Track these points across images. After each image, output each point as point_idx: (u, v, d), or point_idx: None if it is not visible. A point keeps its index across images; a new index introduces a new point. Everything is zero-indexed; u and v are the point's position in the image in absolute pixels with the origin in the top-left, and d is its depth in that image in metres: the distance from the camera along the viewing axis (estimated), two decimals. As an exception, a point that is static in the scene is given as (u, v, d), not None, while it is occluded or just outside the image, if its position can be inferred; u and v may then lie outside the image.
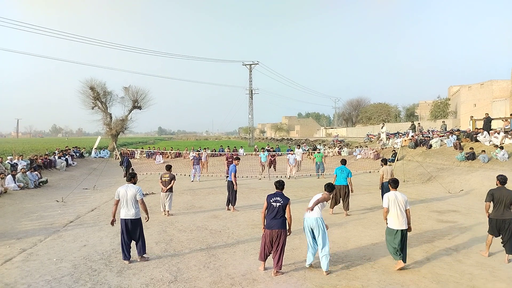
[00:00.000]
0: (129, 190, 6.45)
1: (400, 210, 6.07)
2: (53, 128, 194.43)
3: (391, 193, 6.25)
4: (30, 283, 5.62)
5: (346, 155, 28.31)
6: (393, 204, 6.12)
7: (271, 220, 5.93)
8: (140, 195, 6.45)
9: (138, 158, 28.75)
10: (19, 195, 13.37)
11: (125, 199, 6.41)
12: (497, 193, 6.56)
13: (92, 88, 34.76)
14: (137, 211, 6.47)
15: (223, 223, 9.40)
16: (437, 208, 11.19)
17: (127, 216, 6.40)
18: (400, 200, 6.11)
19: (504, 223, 6.47)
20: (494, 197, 6.57)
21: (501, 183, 6.65)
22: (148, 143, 58.79)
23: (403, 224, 6.05)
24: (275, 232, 5.87)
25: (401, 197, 6.15)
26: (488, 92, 38.36)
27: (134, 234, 6.48)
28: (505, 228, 6.47)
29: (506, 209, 6.49)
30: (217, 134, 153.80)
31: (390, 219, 6.14)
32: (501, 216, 6.49)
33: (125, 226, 6.41)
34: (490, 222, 6.69)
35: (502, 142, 17.19)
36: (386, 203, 6.19)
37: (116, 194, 6.53)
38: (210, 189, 15.39)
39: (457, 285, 5.54)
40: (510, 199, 6.44)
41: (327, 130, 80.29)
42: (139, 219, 6.52)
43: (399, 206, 6.09)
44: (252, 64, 52.35)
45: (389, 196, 6.20)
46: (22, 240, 7.95)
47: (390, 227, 6.13)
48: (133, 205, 6.42)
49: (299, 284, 5.58)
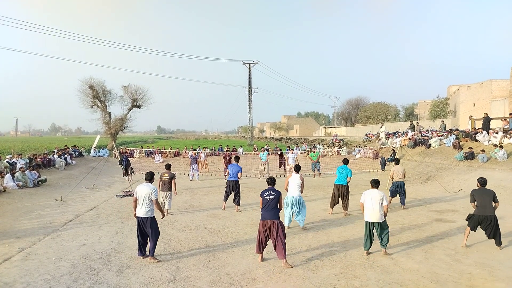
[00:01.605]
0: (145, 189, 6.61)
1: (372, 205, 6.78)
2: (52, 127, 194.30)
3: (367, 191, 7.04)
4: (29, 282, 5.61)
5: (345, 155, 28.33)
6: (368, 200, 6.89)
7: (264, 212, 6.47)
8: (155, 195, 6.59)
9: (137, 157, 28.72)
10: (18, 194, 13.34)
11: (141, 197, 6.59)
12: (478, 194, 7.30)
13: (91, 87, 34.69)
14: (149, 210, 6.58)
15: (222, 223, 9.40)
16: (436, 208, 11.20)
17: (141, 214, 6.59)
18: (375, 197, 6.81)
19: (486, 218, 7.10)
20: (476, 197, 7.29)
21: (481, 185, 7.37)
22: (147, 142, 58.81)
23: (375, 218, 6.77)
24: (268, 222, 6.33)
25: (377, 194, 6.84)
26: (487, 91, 38.41)
27: (147, 233, 6.61)
28: (488, 224, 7.10)
29: (488, 207, 7.11)
30: (216, 133, 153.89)
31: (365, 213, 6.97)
32: (483, 212, 7.13)
33: (139, 223, 6.62)
34: (472, 218, 7.28)
35: (501, 141, 17.21)
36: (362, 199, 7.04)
37: (135, 192, 6.75)
38: (209, 188, 15.39)
39: (456, 284, 5.55)
40: (490, 197, 7.15)
41: (326, 129, 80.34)
42: (151, 218, 6.61)
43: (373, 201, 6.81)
44: (251, 63, 52.28)
45: (364, 193, 7.04)
46: (21, 239, 7.94)
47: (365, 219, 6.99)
48: (147, 204, 6.56)
49: (298, 283, 5.58)
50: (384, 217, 6.79)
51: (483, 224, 7.16)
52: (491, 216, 7.10)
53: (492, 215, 7.10)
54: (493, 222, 7.07)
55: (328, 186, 16.10)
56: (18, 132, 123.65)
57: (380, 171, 20.26)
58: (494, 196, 7.21)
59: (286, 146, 39.77)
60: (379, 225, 6.77)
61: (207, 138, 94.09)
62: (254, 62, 52.37)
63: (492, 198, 7.16)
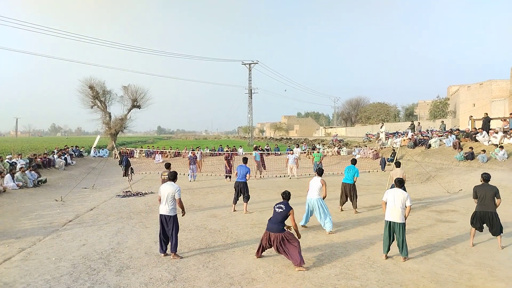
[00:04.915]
0: (169, 188, 6.72)
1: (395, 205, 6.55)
2: (52, 127, 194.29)
3: (391, 189, 6.83)
4: (29, 282, 5.61)
5: (345, 155, 28.36)
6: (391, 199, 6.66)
7: (270, 223, 6.42)
8: (178, 194, 6.72)
9: (137, 157, 28.72)
10: (18, 194, 13.35)
11: (164, 196, 6.73)
12: (480, 189, 7.24)
13: (91, 87, 34.72)
14: (171, 208, 6.71)
15: (222, 223, 9.40)
16: (436, 208, 11.21)
17: (163, 212, 6.74)
18: (399, 196, 6.58)
19: (487, 214, 7.09)
20: (478, 193, 7.25)
21: (485, 181, 7.29)
22: (147, 142, 58.85)
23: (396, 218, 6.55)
24: (272, 235, 6.28)
25: (400, 193, 6.60)
26: (487, 92, 38.42)
27: (168, 230, 6.73)
28: (489, 220, 7.08)
29: (489, 203, 7.08)
30: (216, 133, 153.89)
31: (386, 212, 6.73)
32: (485, 208, 7.10)
33: (162, 221, 6.75)
34: (474, 215, 7.26)
35: (501, 142, 17.21)
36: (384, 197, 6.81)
37: (159, 191, 6.90)
38: (209, 189, 15.39)
39: (456, 284, 5.55)
40: (492, 193, 7.07)
41: (326, 129, 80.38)
42: (173, 216, 6.74)
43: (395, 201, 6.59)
44: (251, 64, 52.27)
45: (388, 191, 6.80)
46: (21, 239, 7.94)
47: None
48: (170, 202, 6.70)
49: (298, 283, 5.58)
50: (405, 219, 6.57)
51: (486, 222, 7.13)
52: (491, 213, 7.04)
53: (492, 212, 7.04)
54: (494, 219, 7.04)
55: (329, 186, 15.98)
56: (18, 132, 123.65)
57: (380, 171, 20.26)
58: (497, 192, 7.08)
59: (286, 146, 39.79)
60: (400, 226, 6.48)
61: (207, 138, 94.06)
62: (254, 62, 52.37)
63: (494, 194, 7.05)
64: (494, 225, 7.08)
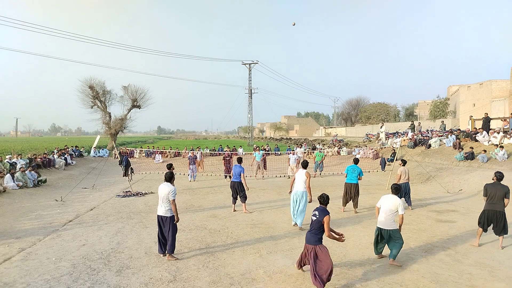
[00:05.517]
0: (165, 189, 6.68)
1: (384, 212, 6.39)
2: (52, 127, 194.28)
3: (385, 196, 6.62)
4: (29, 282, 5.61)
5: (345, 155, 28.36)
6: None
7: (308, 233, 5.64)
8: (172, 196, 6.62)
9: (137, 157, 28.72)
10: (18, 194, 13.35)
11: (160, 197, 6.72)
12: (491, 187, 7.22)
13: (91, 87, 34.69)
14: (168, 209, 6.67)
15: (222, 223, 9.40)
16: (436, 208, 11.21)
17: (160, 213, 6.73)
18: (391, 203, 6.39)
19: (495, 214, 7.10)
20: (488, 191, 7.23)
21: (498, 179, 7.27)
22: (147, 142, 58.78)
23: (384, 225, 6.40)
24: (309, 247, 5.51)
25: (393, 200, 6.40)
26: (487, 91, 38.40)
27: (164, 231, 6.71)
28: (497, 219, 7.09)
29: (498, 202, 7.09)
30: (216, 133, 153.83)
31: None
32: (493, 207, 7.11)
33: (159, 222, 6.76)
34: (483, 214, 7.26)
35: (501, 142, 17.22)
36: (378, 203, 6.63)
37: (158, 191, 6.90)
38: (209, 189, 15.38)
39: (456, 284, 5.55)
40: (502, 193, 7.06)
41: (326, 129, 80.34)
42: (169, 217, 6.67)
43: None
44: (251, 63, 52.23)
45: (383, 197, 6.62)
46: (21, 239, 7.94)
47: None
48: (165, 203, 6.67)
49: (298, 283, 5.58)
50: (397, 225, 6.39)
51: (493, 222, 7.14)
52: (500, 212, 7.06)
53: (500, 211, 7.06)
54: (502, 218, 7.06)
55: (328, 186, 16.11)
56: (18, 132, 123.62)
57: (380, 171, 20.26)
58: (507, 192, 7.07)
59: (287, 146, 39.78)
60: (389, 233, 6.34)
61: (207, 138, 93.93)
62: (254, 62, 52.33)
63: (504, 194, 7.05)
64: (499, 224, 7.09)
